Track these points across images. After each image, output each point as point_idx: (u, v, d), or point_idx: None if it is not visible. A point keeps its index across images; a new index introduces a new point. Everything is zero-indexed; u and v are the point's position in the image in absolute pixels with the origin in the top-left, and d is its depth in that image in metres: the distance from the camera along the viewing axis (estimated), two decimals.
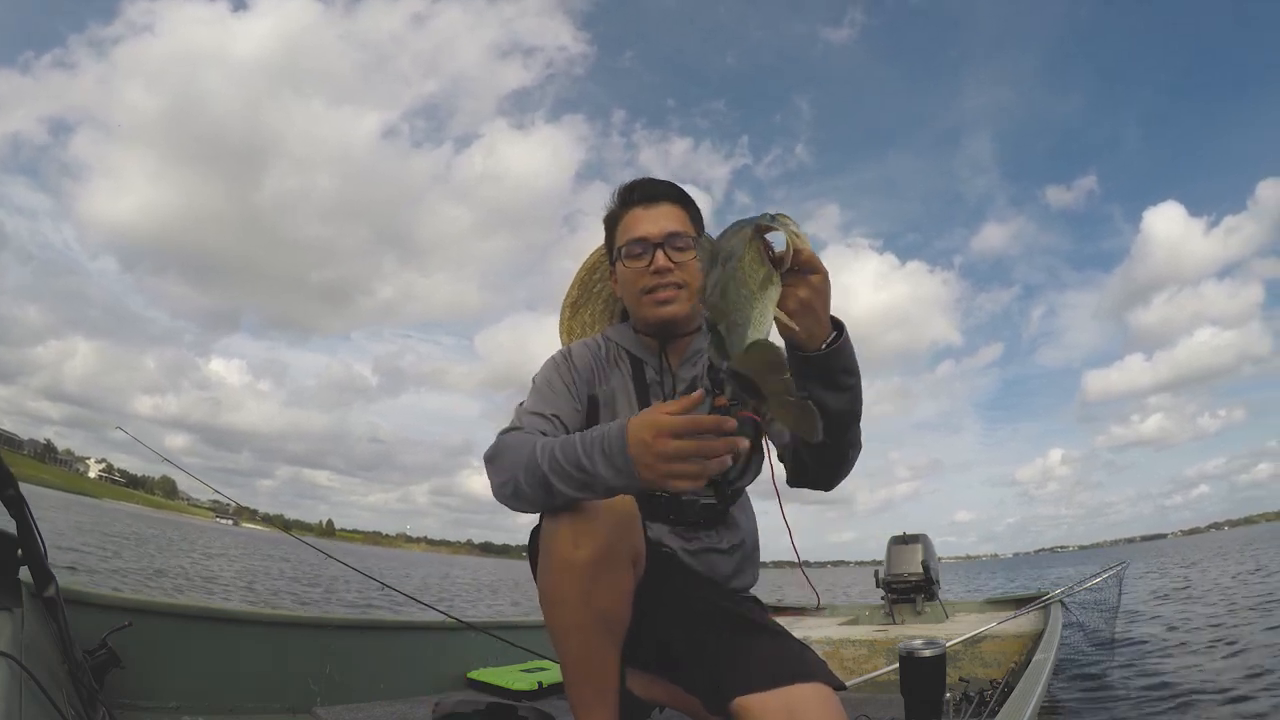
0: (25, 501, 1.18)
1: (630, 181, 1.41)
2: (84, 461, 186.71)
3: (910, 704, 1.71)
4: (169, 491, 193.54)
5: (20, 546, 1.20)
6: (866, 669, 3.09)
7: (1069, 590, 4.19)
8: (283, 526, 7.04)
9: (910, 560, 4.98)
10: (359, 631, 2.20)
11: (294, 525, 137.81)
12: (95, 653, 1.43)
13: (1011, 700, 1.53)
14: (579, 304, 1.59)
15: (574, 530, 1.02)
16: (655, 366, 1.36)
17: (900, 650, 1.73)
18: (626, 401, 1.34)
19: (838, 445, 1.07)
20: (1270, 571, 11.14)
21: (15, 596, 1.19)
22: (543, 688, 2.27)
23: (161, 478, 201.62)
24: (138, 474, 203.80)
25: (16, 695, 0.80)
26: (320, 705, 1.90)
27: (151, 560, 11.70)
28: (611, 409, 1.33)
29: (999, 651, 3.13)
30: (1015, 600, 4.79)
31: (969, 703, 2.13)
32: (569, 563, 1.02)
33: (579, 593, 1.04)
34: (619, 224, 1.38)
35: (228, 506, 6.68)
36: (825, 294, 0.92)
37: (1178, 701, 3.37)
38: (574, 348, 1.39)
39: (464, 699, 1.60)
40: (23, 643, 0.98)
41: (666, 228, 1.32)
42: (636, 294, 1.33)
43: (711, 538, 1.30)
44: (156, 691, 1.59)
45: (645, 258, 1.31)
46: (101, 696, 1.25)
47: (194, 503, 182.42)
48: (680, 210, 1.36)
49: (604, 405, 1.33)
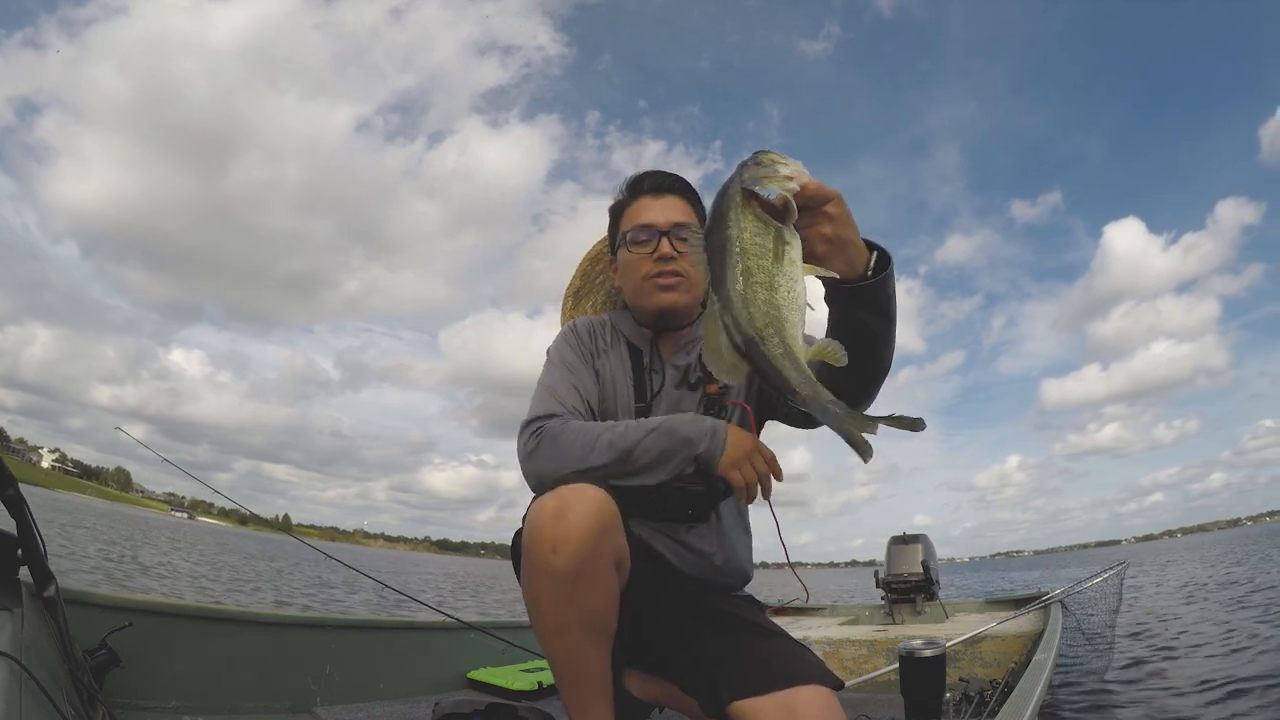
0: (25, 501, 1.18)
1: (639, 172, 1.43)
2: (37, 451, 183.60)
3: (910, 704, 1.71)
4: (124, 484, 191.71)
5: (20, 546, 1.20)
6: (866, 669, 3.09)
7: (1069, 590, 4.18)
8: (282, 528, 6.97)
9: (910, 560, 4.97)
10: (359, 631, 2.19)
11: (250, 520, 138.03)
12: (95, 653, 1.43)
13: (1011, 700, 1.53)
14: (581, 293, 1.60)
15: (553, 536, 1.01)
16: (648, 354, 1.38)
17: (900, 650, 1.73)
18: (625, 384, 1.35)
19: (880, 359, 1.04)
20: (1258, 573, 11.17)
21: (15, 596, 1.19)
22: (543, 688, 2.27)
23: (116, 469, 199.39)
24: (92, 464, 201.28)
25: (16, 695, 0.80)
26: (320, 705, 1.90)
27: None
28: (610, 390, 1.35)
29: (999, 651, 3.13)
30: (1015, 600, 4.78)
31: (969, 703, 2.12)
32: (548, 568, 1.02)
33: (561, 597, 1.03)
34: (625, 212, 1.39)
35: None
36: (848, 218, 0.89)
37: (1178, 702, 3.37)
38: (578, 321, 1.44)
39: (464, 699, 1.60)
40: (23, 643, 0.97)
41: (673, 218, 1.34)
42: (638, 280, 1.34)
43: (698, 536, 1.29)
44: (156, 691, 1.59)
45: (650, 244, 1.32)
46: (101, 696, 1.25)
47: (149, 495, 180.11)
48: (687, 204, 1.38)
49: (603, 382, 1.36)
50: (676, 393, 1.34)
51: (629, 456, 1.13)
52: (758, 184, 0.79)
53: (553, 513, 1.02)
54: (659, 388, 1.34)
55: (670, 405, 1.33)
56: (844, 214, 0.88)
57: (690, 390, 1.33)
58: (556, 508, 1.03)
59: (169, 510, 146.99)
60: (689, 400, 1.33)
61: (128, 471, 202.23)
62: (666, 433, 1.14)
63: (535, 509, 1.06)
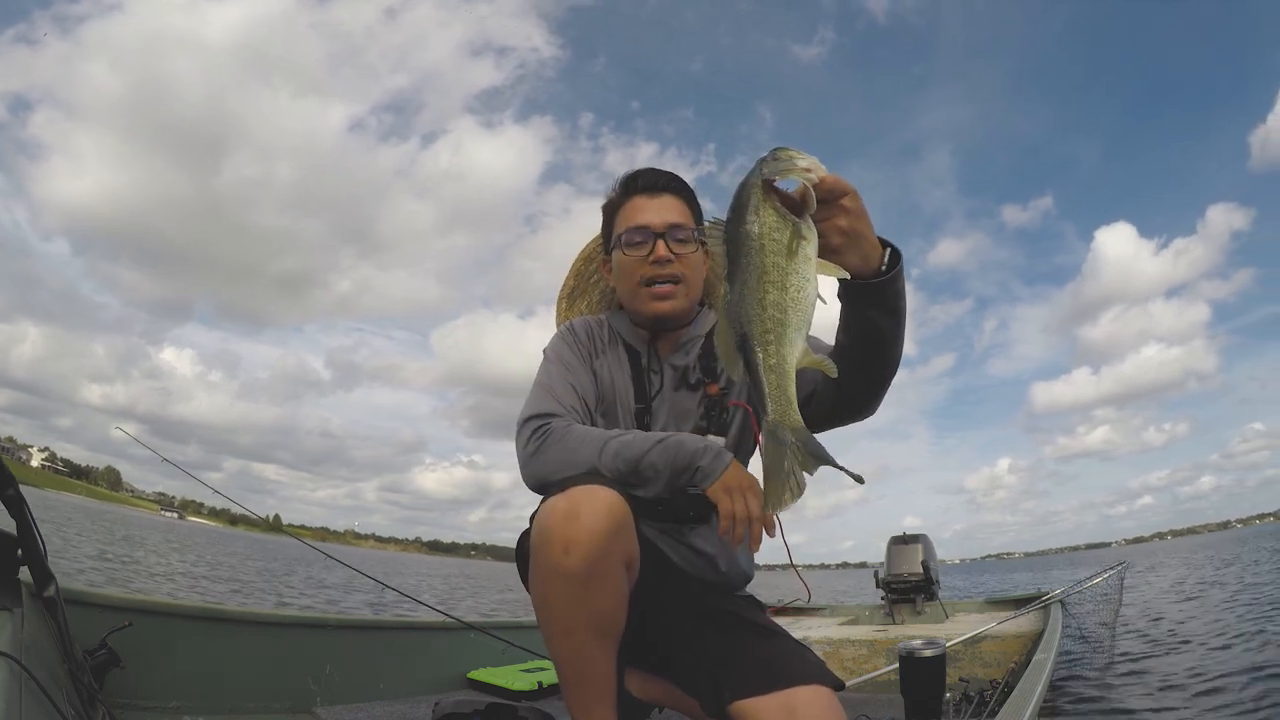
0: (25, 501, 1.18)
1: (634, 170, 1.39)
2: (26, 450, 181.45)
3: (910, 704, 1.71)
4: (114, 483, 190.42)
5: (20, 546, 1.20)
6: (866, 669, 3.09)
7: (1069, 590, 4.18)
8: (274, 528, 6.93)
9: (910, 560, 4.97)
10: (359, 631, 2.19)
11: (240, 520, 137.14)
12: (95, 653, 1.43)
13: (1011, 700, 1.53)
14: (575, 294, 1.57)
15: (565, 537, 1.00)
16: (647, 356, 1.36)
17: (900, 650, 1.73)
18: (624, 385, 1.33)
19: (890, 357, 1.04)
20: (1257, 573, 11.17)
21: (15, 596, 1.19)
22: (543, 688, 2.27)
23: (106, 468, 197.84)
24: (82, 464, 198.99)
25: (16, 695, 0.80)
26: (320, 705, 1.90)
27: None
28: (609, 390, 1.33)
29: (999, 651, 3.13)
30: (1015, 600, 4.78)
31: (969, 703, 2.13)
32: (560, 569, 1.01)
33: (571, 599, 1.03)
34: (619, 212, 1.36)
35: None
36: (862, 213, 0.89)
37: (1179, 702, 3.37)
38: (575, 321, 1.42)
39: (464, 699, 1.60)
40: (23, 643, 0.97)
41: (669, 218, 1.31)
42: (634, 284, 1.31)
43: (701, 537, 1.29)
44: (156, 691, 1.59)
45: (645, 246, 1.29)
46: (101, 696, 1.25)
47: (139, 495, 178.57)
48: (682, 203, 1.35)
49: (601, 382, 1.33)
50: (676, 393, 1.32)
51: (636, 469, 1.12)
52: (777, 176, 0.81)
53: (564, 513, 1.01)
54: (659, 388, 1.32)
55: (670, 406, 1.31)
56: (859, 208, 0.89)
57: (690, 390, 1.32)
58: (568, 508, 1.02)
59: (159, 510, 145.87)
60: (689, 400, 1.31)
61: (118, 471, 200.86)
62: (673, 446, 1.12)
63: (545, 510, 1.05)
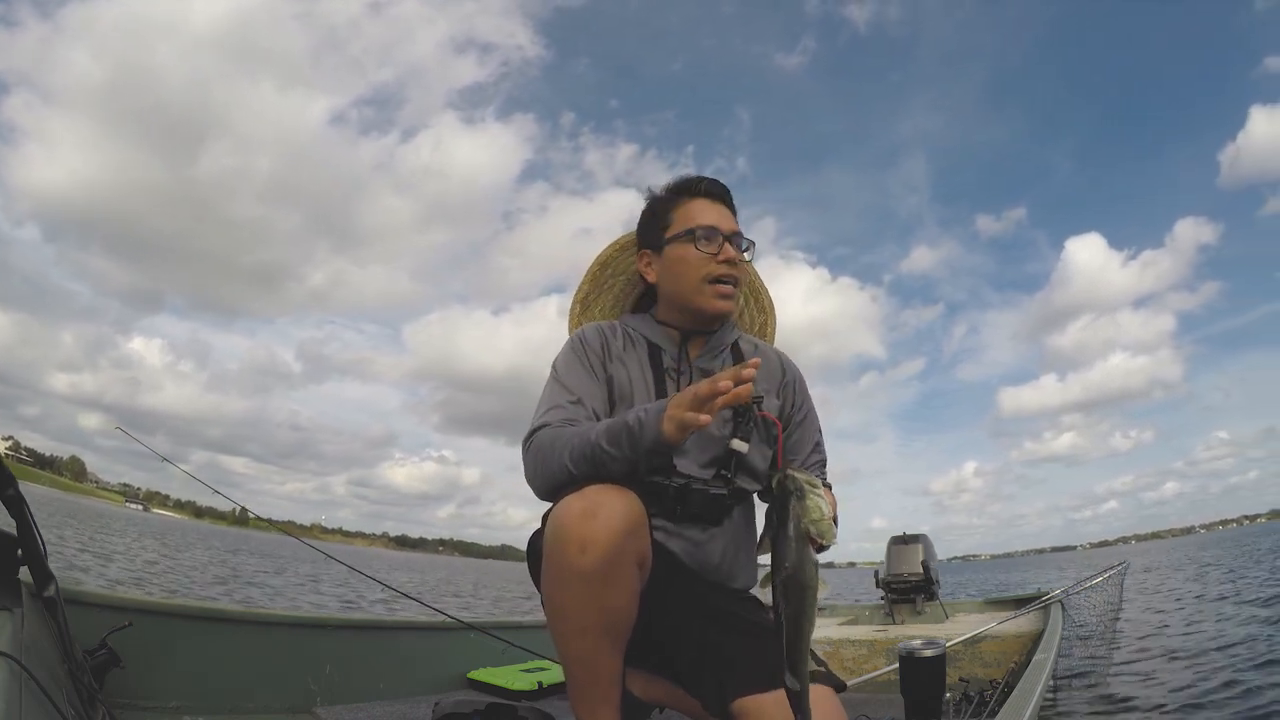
0: (25, 501, 1.18)
1: (693, 175, 1.41)
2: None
3: (910, 704, 1.71)
4: (78, 473, 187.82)
5: (20, 546, 1.20)
6: (866, 669, 3.09)
7: (1069, 590, 4.19)
8: (281, 528, 6.73)
9: (910, 560, 4.97)
10: (359, 631, 2.20)
11: (206, 513, 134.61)
12: (95, 653, 1.43)
13: (1011, 700, 1.53)
14: (590, 299, 1.55)
15: (581, 536, 1.01)
16: (673, 355, 1.35)
17: (900, 650, 1.74)
18: (644, 386, 1.32)
19: None
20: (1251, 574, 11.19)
21: (15, 596, 1.19)
22: (543, 688, 2.27)
23: (70, 458, 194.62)
24: (46, 453, 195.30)
25: (16, 695, 0.80)
26: (320, 705, 1.90)
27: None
28: (628, 393, 1.31)
29: (999, 652, 3.13)
30: (1015, 600, 4.78)
31: (969, 703, 2.13)
32: (576, 569, 1.01)
33: (587, 598, 1.03)
34: (678, 208, 1.36)
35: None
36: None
37: (1179, 702, 3.37)
38: (585, 330, 1.40)
39: (464, 699, 1.60)
40: (23, 643, 0.97)
41: (733, 226, 1.34)
42: (698, 280, 1.31)
43: (711, 538, 1.29)
44: (156, 691, 1.59)
45: (717, 243, 1.31)
46: (101, 696, 1.25)
47: (104, 486, 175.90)
48: (734, 216, 1.38)
49: (619, 386, 1.32)
50: None
51: (592, 458, 1.11)
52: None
53: (580, 513, 1.02)
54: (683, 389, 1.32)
55: None
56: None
57: None
58: (585, 508, 1.02)
59: (124, 502, 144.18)
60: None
61: (82, 461, 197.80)
62: (614, 422, 1.12)
63: (561, 510, 1.05)
